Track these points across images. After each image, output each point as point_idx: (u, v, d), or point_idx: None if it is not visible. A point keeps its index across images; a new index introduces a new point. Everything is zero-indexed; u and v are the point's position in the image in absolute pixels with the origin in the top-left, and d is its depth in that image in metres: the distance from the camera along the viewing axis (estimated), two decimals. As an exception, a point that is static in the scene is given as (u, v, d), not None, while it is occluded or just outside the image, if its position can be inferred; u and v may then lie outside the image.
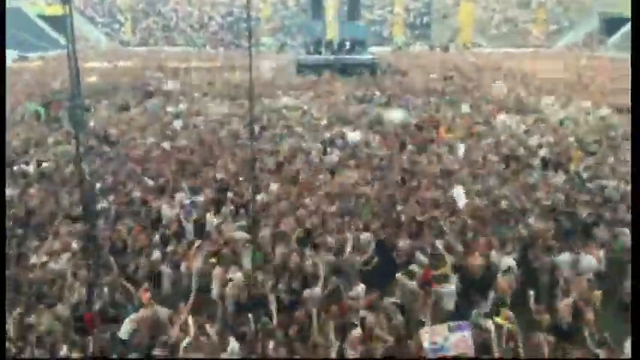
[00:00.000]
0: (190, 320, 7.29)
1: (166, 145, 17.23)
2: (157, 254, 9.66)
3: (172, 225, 10.88)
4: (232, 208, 11.62)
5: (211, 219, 11.05)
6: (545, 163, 15.21)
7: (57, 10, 59.64)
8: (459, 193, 11.77)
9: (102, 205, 11.54)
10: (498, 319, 7.53)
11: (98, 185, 12.51)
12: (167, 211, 11.51)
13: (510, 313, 7.63)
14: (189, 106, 25.06)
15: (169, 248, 9.91)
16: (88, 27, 64.45)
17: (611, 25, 60.25)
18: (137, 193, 12.51)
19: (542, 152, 16.18)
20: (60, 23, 57.68)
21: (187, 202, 11.66)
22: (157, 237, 10.40)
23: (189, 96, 27.93)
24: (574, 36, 64.10)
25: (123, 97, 27.58)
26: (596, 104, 24.68)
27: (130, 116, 22.98)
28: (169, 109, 24.50)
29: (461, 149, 16.53)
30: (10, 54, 47.94)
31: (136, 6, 69.90)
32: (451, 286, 8.60)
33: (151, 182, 13.38)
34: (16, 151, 16.66)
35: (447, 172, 13.99)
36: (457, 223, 10.52)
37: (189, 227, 10.97)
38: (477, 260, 9.02)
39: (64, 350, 6.97)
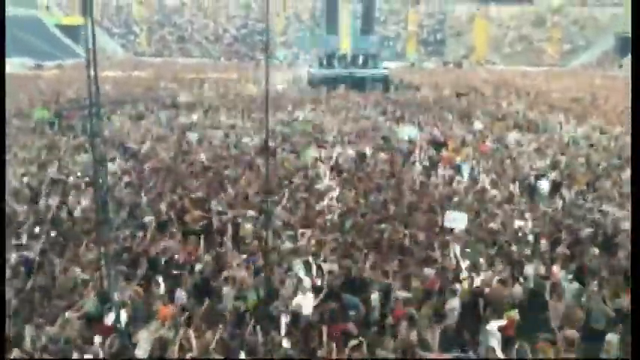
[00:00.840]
0: (193, 337, 7.27)
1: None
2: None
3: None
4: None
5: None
6: (554, 186, 14.99)
7: (74, 20, 60.61)
8: (455, 218, 11.18)
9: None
10: None
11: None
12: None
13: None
14: (203, 118, 25.21)
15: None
16: (105, 38, 65.31)
17: (626, 44, 59.99)
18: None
19: (552, 174, 15.91)
20: (76, 33, 59.21)
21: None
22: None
23: (203, 108, 28.09)
24: (589, 55, 63.92)
25: (137, 107, 27.81)
26: (610, 123, 24.51)
27: (146, 127, 23.08)
28: (182, 119, 24.67)
29: (466, 171, 16.25)
30: (27, 62, 48.71)
31: (151, 17, 70.80)
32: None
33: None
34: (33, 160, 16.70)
35: (446, 196, 13.68)
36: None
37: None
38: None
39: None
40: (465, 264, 9.73)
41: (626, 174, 15.39)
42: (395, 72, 44.51)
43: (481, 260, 9.85)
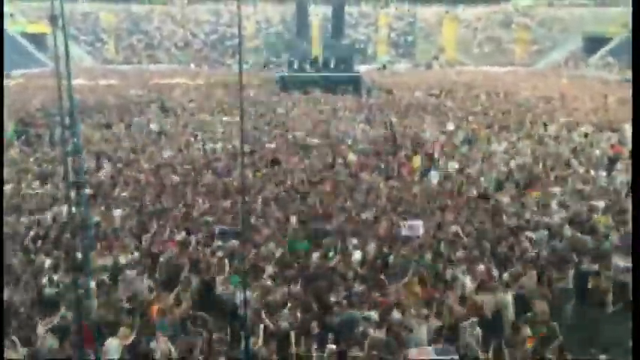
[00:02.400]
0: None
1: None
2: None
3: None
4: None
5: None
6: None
7: (39, 28, 59.34)
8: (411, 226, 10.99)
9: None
10: None
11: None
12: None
13: None
14: (175, 124, 24.90)
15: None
16: (71, 45, 64.03)
17: (593, 44, 61.26)
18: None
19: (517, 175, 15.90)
20: (42, 41, 57.96)
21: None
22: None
23: (174, 113, 27.76)
24: (557, 55, 65.01)
25: (105, 115, 27.29)
26: (578, 122, 24.89)
27: (116, 135, 22.63)
28: (153, 126, 24.29)
29: (435, 177, 15.86)
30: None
31: (119, 24, 69.79)
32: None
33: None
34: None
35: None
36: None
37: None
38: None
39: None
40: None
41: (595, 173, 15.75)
42: (366, 74, 44.66)
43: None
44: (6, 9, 61.79)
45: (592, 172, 15.84)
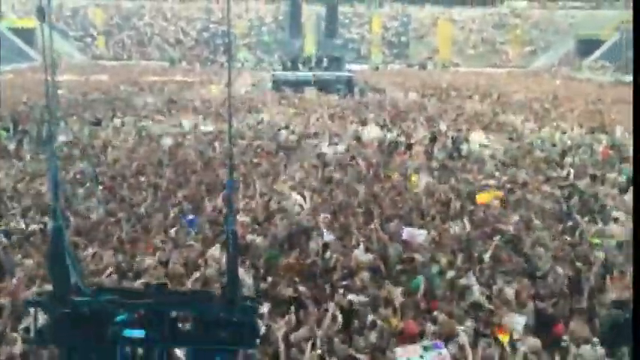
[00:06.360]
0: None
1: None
2: None
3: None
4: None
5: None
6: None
7: (28, 22, 58.71)
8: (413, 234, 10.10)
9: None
10: None
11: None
12: None
13: None
14: (164, 121, 24.47)
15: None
16: (60, 40, 63.45)
17: (586, 46, 61.45)
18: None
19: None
20: (30, 36, 57.32)
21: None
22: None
23: (163, 111, 27.32)
24: (550, 57, 65.14)
25: (94, 112, 26.78)
26: (570, 124, 24.73)
27: (104, 132, 22.08)
28: (143, 124, 23.83)
29: (423, 180, 15.00)
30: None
31: (109, 20, 69.20)
32: None
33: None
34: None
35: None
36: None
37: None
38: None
39: None
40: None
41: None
42: (360, 74, 44.44)
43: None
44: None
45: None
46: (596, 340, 6.95)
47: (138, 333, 3.27)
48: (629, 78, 42.36)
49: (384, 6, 72.92)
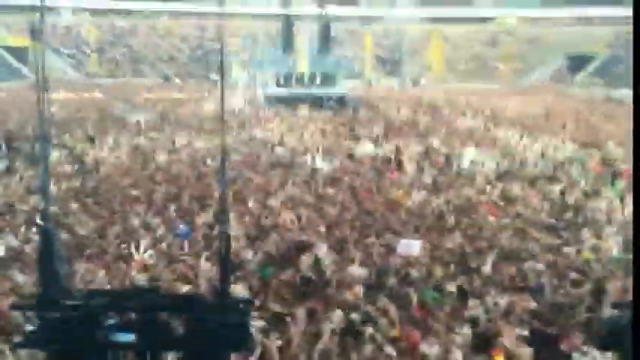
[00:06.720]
0: None
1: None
2: None
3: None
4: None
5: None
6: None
7: (21, 41, 58.80)
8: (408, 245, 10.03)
9: None
10: None
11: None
12: None
13: None
14: (158, 138, 24.38)
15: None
16: (54, 58, 63.53)
17: (578, 63, 62.09)
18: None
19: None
20: (23, 54, 57.35)
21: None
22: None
23: (157, 128, 27.27)
24: (541, 73, 65.72)
25: (87, 129, 26.69)
26: (563, 140, 24.84)
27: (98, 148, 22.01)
28: (136, 141, 23.76)
29: (415, 195, 14.56)
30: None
31: (103, 38, 69.37)
32: None
33: None
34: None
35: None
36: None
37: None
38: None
39: None
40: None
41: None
42: (353, 90, 44.60)
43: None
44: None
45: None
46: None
47: (128, 337, 3.23)
48: (620, 94, 42.90)
49: (376, 22, 73.43)
